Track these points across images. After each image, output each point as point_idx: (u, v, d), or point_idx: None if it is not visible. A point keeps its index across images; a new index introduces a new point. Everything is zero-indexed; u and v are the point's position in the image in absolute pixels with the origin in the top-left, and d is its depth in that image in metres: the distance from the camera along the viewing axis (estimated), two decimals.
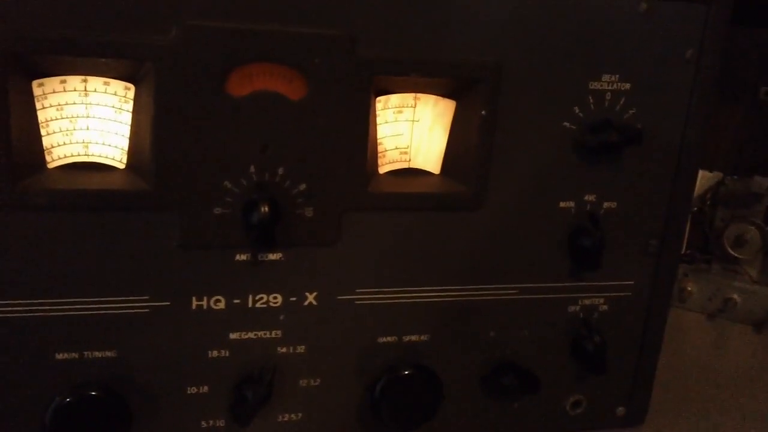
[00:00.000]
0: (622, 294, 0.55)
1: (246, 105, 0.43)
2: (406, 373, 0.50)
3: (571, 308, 0.54)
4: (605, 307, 0.55)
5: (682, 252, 0.85)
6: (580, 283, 0.54)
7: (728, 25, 0.51)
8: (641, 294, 0.55)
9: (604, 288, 0.54)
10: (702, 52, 0.51)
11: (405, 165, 0.50)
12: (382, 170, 0.49)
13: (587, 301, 0.54)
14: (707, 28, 0.50)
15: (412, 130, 0.50)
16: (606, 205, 0.52)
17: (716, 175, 0.87)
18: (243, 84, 0.43)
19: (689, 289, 0.84)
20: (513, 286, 0.52)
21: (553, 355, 0.55)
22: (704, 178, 0.87)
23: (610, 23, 0.48)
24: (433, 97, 0.49)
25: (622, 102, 0.50)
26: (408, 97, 0.49)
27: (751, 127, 0.98)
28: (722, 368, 0.72)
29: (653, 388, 0.59)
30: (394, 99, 0.48)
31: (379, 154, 0.49)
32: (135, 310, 0.45)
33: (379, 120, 0.48)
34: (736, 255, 0.83)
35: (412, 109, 0.49)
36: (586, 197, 0.52)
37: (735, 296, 0.82)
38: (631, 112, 0.50)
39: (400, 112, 0.49)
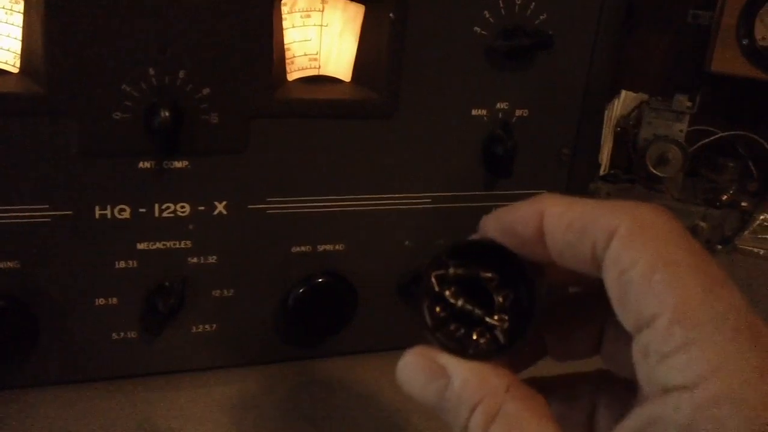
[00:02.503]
0: None
1: (141, 3, 0.41)
2: (320, 281, 0.50)
3: None
4: None
5: (606, 172, 0.87)
6: (494, 192, 0.54)
7: None
8: None
9: (518, 197, 0.54)
10: None
11: (315, 72, 0.50)
12: (291, 77, 0.49)
13: None
14: None
15: (321, 36, 0.49)
16: (518, 113, 0.52)
17: (640, 96, 0.88)
18: None
19: None
20: (426, 195, 0.52)
21: None
22: (629, 99, 0.88)
23: None
24: (341, 0, 0.48)
25: (532, 7, 0.49)
26: (315, 0, 0.47)
27: (678, 50, 0.99)
28: None
29: None
30: (301, 2, 0.47)
31: (288, 61, 0.48)
32: (35, 220, 0.44)
33: (285, 24, 0.47)
34: (658, 174, 0.85)
35: (320, 13, 0.48)
36: (499, 105, 0.52)
37: None
38: (542, 17, 0.50)
39: (308, 16, 0.48)
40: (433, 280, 0.29)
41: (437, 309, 0.29)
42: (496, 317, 0.28)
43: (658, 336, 0.22)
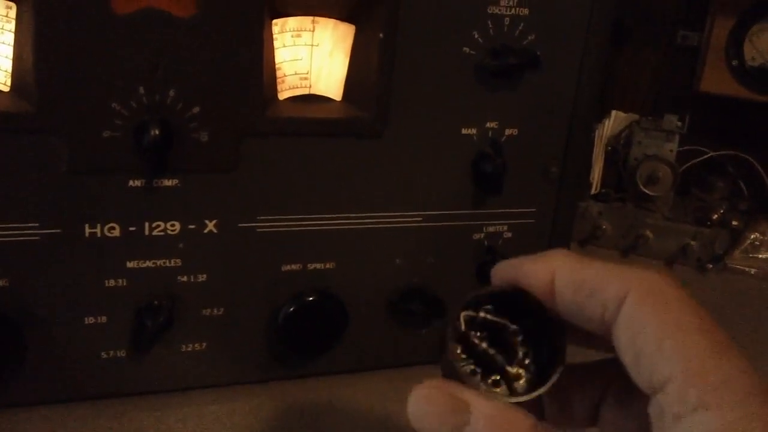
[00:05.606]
0: (525, 221, 0.56)
1: (132, 23, 0.42)
2: (310, 300, 0.50)
3: (476, 235, 0.55)
4: (509, 234, 0.55)
5: (597, 191, 0.87)
6: (484, 211, 0.54)
7: None
8: (544, 221, 0.56)
9: (508, 215, 0.55)
10: None
11: (306, 91, 0.50)
12: (282, 96, 0.49)
13: (491, 229, 0.55)
14: None
15: (312, 55, 0.49)
16: (508, 132, 0.53)
17: (631, 116, 0.89)
18: (128, 1, 0.41)
19: (603, 227, 0.86)
20: (417, 213, 0.53)
21: (458, 281, 0.55)
22: (619, 119, 0.88)
23: None
24: (332, 21, 0.48)
25: (521, 27, 0.50)
26: (306, 21, 0.48)
27: (668, 70, 1.00)
28: None
29: None
30: (292, 22, 0.47)
31: (279, 80, 0.48)
32: (24, 238, 0.44)
33: (276, 44, 0.47)
34: (648, 193, 0.85)
35: (310, 33, 0.48)
36: (488, 124, 0.52)
37: (647, 232, 0.84)
38: (530, 38, 0.50)
39: (299, 35, 0.48)
40: (462, 319, 0.29)
41: (459, 349, 0.29)
42: (515, 369, 0.29)
43: (673, 398, 0.23)
